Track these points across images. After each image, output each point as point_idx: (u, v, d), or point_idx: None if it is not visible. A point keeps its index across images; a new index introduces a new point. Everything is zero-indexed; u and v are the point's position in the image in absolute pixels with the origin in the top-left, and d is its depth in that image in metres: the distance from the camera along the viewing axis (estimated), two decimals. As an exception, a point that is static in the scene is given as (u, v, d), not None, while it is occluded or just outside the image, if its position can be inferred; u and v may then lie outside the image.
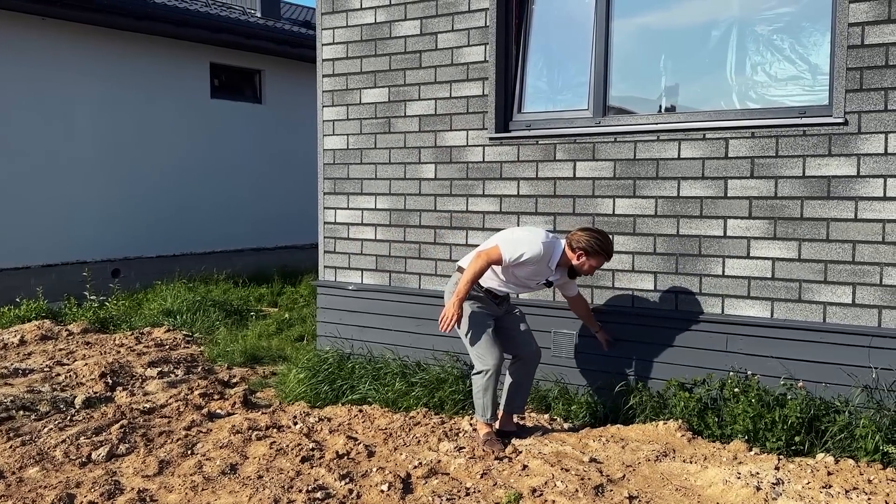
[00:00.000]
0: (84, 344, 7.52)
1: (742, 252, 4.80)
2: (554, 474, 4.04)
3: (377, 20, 6.15)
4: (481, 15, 5.65)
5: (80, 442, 4.73)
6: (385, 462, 4.37)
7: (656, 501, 3.77)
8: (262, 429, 4.94)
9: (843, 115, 4.48)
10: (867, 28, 4.41)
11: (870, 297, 4.46)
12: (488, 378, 4.59)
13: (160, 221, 11.02)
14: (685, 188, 4.96)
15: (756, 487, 3.77)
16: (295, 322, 8.39)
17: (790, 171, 4.65)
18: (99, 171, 10.39)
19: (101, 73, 10.37)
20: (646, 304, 5.12)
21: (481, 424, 4.63)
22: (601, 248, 4.54)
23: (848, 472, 4.01)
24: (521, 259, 4.53)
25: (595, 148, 5.27)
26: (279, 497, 3.88)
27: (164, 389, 5.96)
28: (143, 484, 4.14)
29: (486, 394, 4.60)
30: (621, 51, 5.33)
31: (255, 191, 12.26)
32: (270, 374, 6.61)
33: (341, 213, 6.43)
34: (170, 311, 8.64)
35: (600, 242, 4.54)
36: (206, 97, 11.70)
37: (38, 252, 9.76)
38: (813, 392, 4.51)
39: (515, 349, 4.82)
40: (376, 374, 5.71)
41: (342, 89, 6.38)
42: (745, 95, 4.95)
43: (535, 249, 4.51)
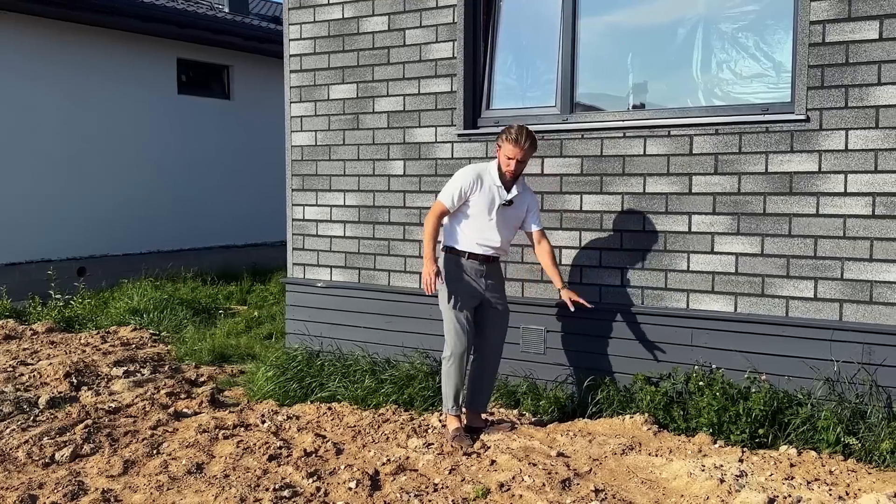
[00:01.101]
0: (49, 343, 7.41)
1: (706, 247, 4.85)
2: (522, 469, 4.06)
3: (345, 15, 6.13)
4: (449, 11, 5.65)
5: (44, 442, 4.67)
6: (353, 459, 4.36)
7: (622, 494, 3.81)
8: (230, 427, 4.91)
9: (804, 112, 4.55)
10: (828, 26, 4.48)
11: (831, 292, 4.53)
12: (450, 364, 4.62)
13: (127, 219, 10.88)
14: (651, 184, 5.01)
15: (720, 480, 3.82)
16: (264, 320, 8.34)
17: (753, 167, 4.71)
18: (64, 168, 10.22)
19: (66, 69, 10.20)
20: (613, 299, 5.16)
21: (450, 418, 4.66)
22: (506, 134, 4.53)
23: (810, 463, 4.08)
24: (458, 192, 4.56)
25: (563, 144, 5.29)
26: (245, 496, 3.86)
27: (130, 389, 5.89)
28: (108, 484, 4.09)
29: (448, 381, 4.64)
30: (589, 48, 5.36)
31: (224, 187, 12.15)
32: (239, 373, 6.57)
33: (310, 210, 6.40)
34: (136, 309, 8.54)
35: (506, 129, 4.56)
36: (174, 93, 11.56)
37: (0, 250, 9.59)
38: (776, 385, 4.57)
39: (478, 342, 4.78)
40: (346, 372, 5.70)
41: (310, 85, 6.34)
42: (711, 93, 5.01)
43: (466, 174, 4.61)
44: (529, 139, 4.53)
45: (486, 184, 4.60)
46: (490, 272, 4.70)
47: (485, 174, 4.63)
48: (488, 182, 4.60)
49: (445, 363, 4.66)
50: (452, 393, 4.64)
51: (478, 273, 4.66)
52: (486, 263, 4.67)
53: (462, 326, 4.61)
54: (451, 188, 4.61)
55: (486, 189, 4.59)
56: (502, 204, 4.60)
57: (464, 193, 4.58)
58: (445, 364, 4.66)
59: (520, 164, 4.56)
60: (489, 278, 4.70)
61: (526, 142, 4.51)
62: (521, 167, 4.59)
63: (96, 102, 10.56)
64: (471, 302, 4.66)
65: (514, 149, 4.50)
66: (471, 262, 4.65)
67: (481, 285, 4.67)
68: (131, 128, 10.98)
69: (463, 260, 4.65)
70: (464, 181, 4.58)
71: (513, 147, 4.50)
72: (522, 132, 4.52)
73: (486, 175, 4.63)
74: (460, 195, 4.57)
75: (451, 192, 4.61)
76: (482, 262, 4.66)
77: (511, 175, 4.57)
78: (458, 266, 4.65)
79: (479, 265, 4.65)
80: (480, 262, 4.65)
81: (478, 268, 4.65)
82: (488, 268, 4.68)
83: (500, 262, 4.88)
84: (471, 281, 4.65)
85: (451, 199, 4.60)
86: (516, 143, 4.49)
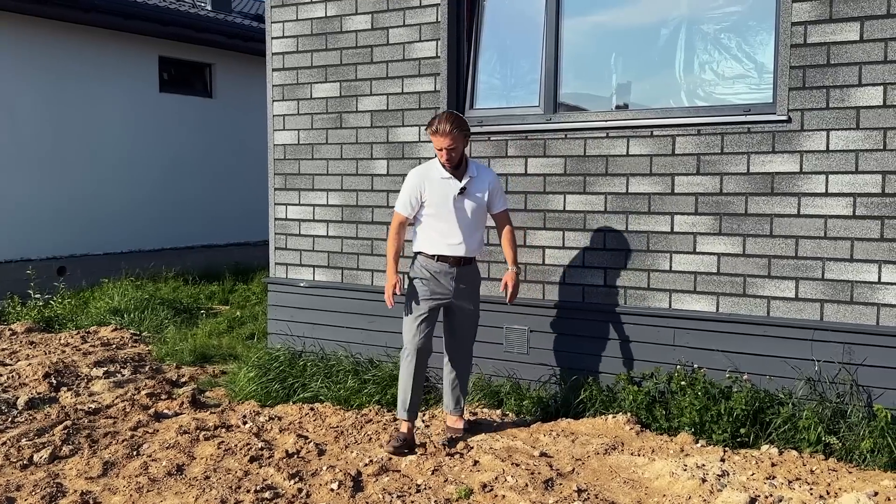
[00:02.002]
0: (28, 343, 7.33)
1: (689, 248, 4.87)
2: (504, 469, 4.05)
3: (328, 14, 6.10)
4: (433, 10, 5.64)
5: (22, 444, 4.61)
6: (336, 460, 4.34)
7: (605, 494, 3.81)
8: (211, 429, 4.87)
9: (786, 112, 4.57)
10: (809, 27, 4.51)
11: (812, 292, 4.56)
12: (404, 359, 4.51)
13: (107, 218, 10.77)
14: (634, 185, 5.02)
15: (702, 479, 3.84)
16: (247, 320, 8.28)
17: (735, 167, 4.73)
18: (43, 167, 10.11)
19: (45, 66, 10.09)
20: (596, 298, 5.17)
21: (399, 420, 4.57)
22: (429, 127, 4.42)
23: (791, 462, 4.10)
24: (409, 196, 4.48)
25: (546, 144, 5.29)
26: (226, 497, 3.83)
27: (110, 389, 5.83)
28: (87, 486, 4.05)
29: (400, 381, 4.53)
30: (573, 49, 5.36)
31: (206, 186, 12.06)
32: (220, 374, 6.52)
33: (292, 209, 6.36)
34: (117, 309, 8.46)
35: (429, 122, 4.43)
36: (155, 91, 11.46)
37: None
38: (758, 384, 4.59)
39: (448, 344, 4.70)
40: (328, 372, 5.67)
41: (293, 83, 6.31)
42: (693, 93, 5.02)
43: (411, 175, 4.54)
44: (451, 122, 4.35)
45: (435, 179, 4.47)
46: (462, 275, 4.55)
47: (431, 170, 4.52)
48: (436, 177, 4.48)
49: (401, 359, 4.56)
50: (401, 396, 4.52)
51: (447, 275, 4.51)
52: (457, 266, 4.51)
53: (417, 322, 4.48)
54: (402, 194, 4.54)
55: (436, 184, 4.47)
56: (457, 194, 4.44)
57: (415, 195, 4.48)
58: (401, 360, 4.56)
59: (453, 151, 4.39)
60: (461, 281, 4.55)
61: (448, 126, 4.34)
62: (457, 153, 4.42)
63: (76, 100, 10.45)
64: (433, 302, 4.51)
65: (440, 139, 4.36)
66: (441, 264, 4.51)
67: (450, 287, 4.52)
68: (112, 126, 10.88)
69: (433, 262, 4.51)
70: (411, 184, 4.50)
71: (439, 138, 4.36)
72: (443, 119, 4.37)
73: (433, 170, 4.51)
74: (413, 198, 4.48)
75: (403, 198, 4.53)
76: (453, 265, 4.51)
77: (451, 164, 4.43)
78: (426, 268, 4.52)
79: (449, 267, 4.51)
80: (451, 265, 4.51)
81: (447, 270, 4.51)
82: (460, 270, 4.53)
83: (477, 263, 4.75)
84: (438, 282, 4.50)
85: (405, 206, 4.52)
86: (437, 132, 4.36)
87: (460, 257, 4.52)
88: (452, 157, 4.41)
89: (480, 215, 4.58)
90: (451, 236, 4.49)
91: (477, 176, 4.54)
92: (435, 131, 4.37)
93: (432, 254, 4.51)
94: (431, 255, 4.51)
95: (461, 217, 4.49)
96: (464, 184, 4.46)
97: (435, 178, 4.48)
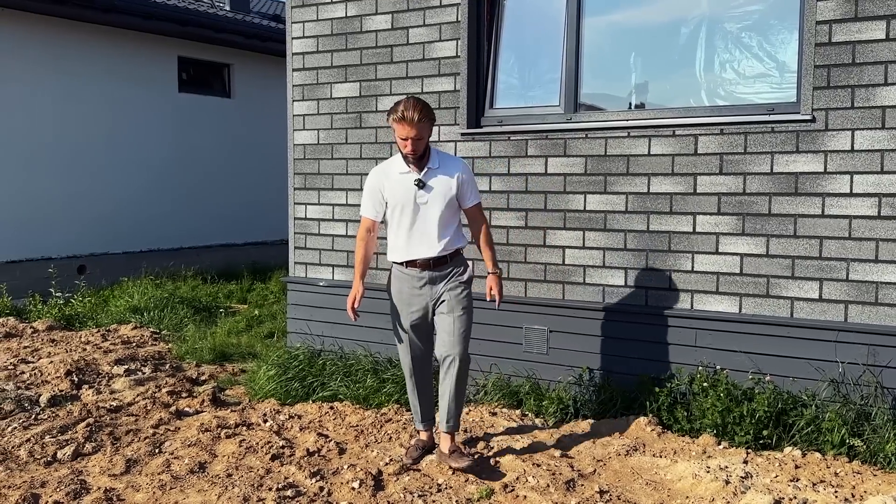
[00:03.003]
0: (49, 341, 7.39)
1: (711, 248, 4.84)
2: (525, 469, 4.04)
3: (348, 14, 6.11)
4: (453, 10, 5.63)
5: (46, 441, 4.65)
6: (356, 459, 4.34)
7: (627, 496, 3.79)
8: (232, 427, 4.89)
9: (810, 112, 4.53)
10: (834, 26, 4.47)
11: (836, 293, 4.52)
12: (406, 377, 4.38)
13: (127, 217, 10.85)
14: (655, 184, 4.99)
15: (725, 481, 3.81)
16: (265, 319, 8.32)
17: (758, 167, 4.69)
18: (64, 167, 10.20)
19: (66, 67, 10.18)
20: (616, 299, 5.15)
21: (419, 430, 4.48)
22: (391, 114, 3.97)
23: (815, 465, 4.06)
24: (369, 197, 4.17)
25: (566, 144, 5.28)
26: (249, 495, 3.84)
27: (131, 387, 5.87)
28: (110, 483, 4.07)
29: (409, 395, 4.43)
30: (592, 48, 5.35)
31: (224, 186, 12.13)
32: (240, 372, 6.55)
33: (312, 209, 6.38)
34: (137, 308, 8.51)
35: (392, 108, 3.99)
36: (174, 91, 11.54)
37: (1, 248, 9.56)
38: (781, 386, 4.56)
39: (436, 347, 4.21)
40: (347, 371, 5.68)
41: (313, 83, 6.32)
42: (714, 93, 4.99)
43: (370, 176, 4.21)
44: (419, 110, 3.92)
45: (393, 176, 4.12)
46: (438, 277, 4.13)
47: (389, 167, 4.17)
48: (394, 173, 4.12)
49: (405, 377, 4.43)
50: (413, 409, 4.43)
51: (420, 281, 4.12)
52: (429, 269, 4.11)
53: (405, 345, 4.26)
54: (364, 196, 4.24)
55: (395, 181, 4.11)
56: (417, 188, 4.05)
57: (376, 196, 4.16)
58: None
59: (418, 142, 3.97)
60: (438, 281, 4.13)
61: (416, 114, 3.90)
62: (421, 144, 3.99)
63: (97, 100, 10.53)
64: (414, 316, 4.17)
65: (406, 128, 3.92)
66: (410, 270, 4.13)
67: (428, 293, 4.13)
68: (132, 126, 10.96)
69: (402, 270, 4.17)
70: (370, 184, 4.18)
71: (405, 126, 3.92)
72: (409, 105, 3.92)
73: (391, 167, 4.16)
74: (375, 200, 4.17)
75: (364, 200, 4.24)
76: (423, 268, 4.11)
77: (413, 156, 4.01)
78: (398, 279, 4.20)
79: (419, 272, 4.11)
80: (422, 269, 4.11)
81: (418, 275, 4.12)
82: (434, 274, 4.12)
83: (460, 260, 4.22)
84: (413, 292, 4.14)
85: (368, 208, 4.21)
86: (403, 119, 3.91)
87: (429, 259, 4.11)
88: (417, 149, 3.99)
89: (450, 210, 4.12)
90: (417, 237, 4.11)
91: (440, 167, 4.11)
92: (401, 118, 3.92)
93: (401, 261, 4.16)
94: (401, 262, 4.17)
95: (426, 214, 4.08)
96: (421, 175, 4.06)
97: (393, 174, 4.12)
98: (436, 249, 4.10)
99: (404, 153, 4.03)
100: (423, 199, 4.08)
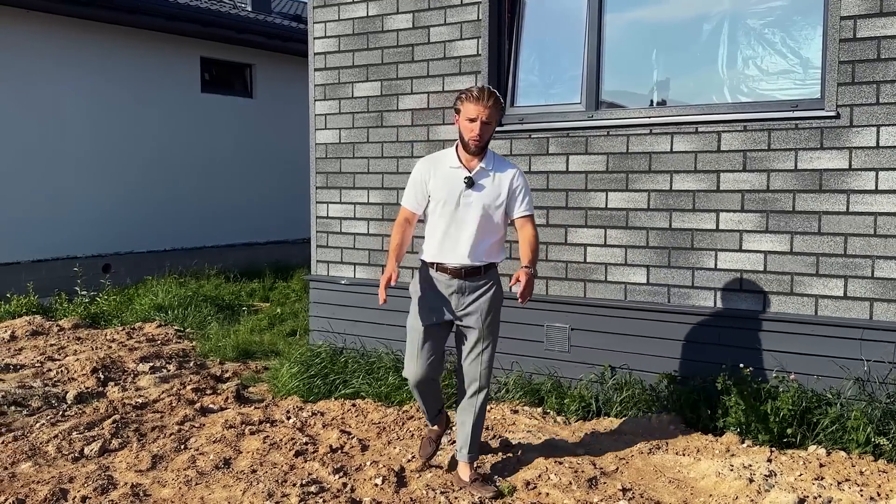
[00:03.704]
0: (75, 339, 7.48)
1: (734, 245, 4.81)
2: (547, 467, 4.05)
3: (369, 13, 6.14)
4: (474, 8, 5.64)
5: (73, 437, 4.71)
6: (379, 456, 4.37)
7: (650, 493, 3.78)
8: (256, 423, 4.93)
9: (834, 108, 4.50)
10: (859, 21, 4.43)
11: (861, 290, 4.48)
12: (411, 388, 4.04)
13: (151, 216, 10.97)
14: (678, 182, 4.97)
15: (749, 479, 3.79)
16: (287, 317, 8.38)
17: (782, 164, 4.66)
18: (89, 166, 10.32)
19: (91, 67, 10.30)
20: (638, 297, 5.13)
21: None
22: (465, 94, 3.72)
23: (840, 463, 4.03)
24: (414, 187, 3.86)
25: (588, 142, 5.27)
26: (273, 491, 3.88)
27: (156, 384, 5.94)
28: (137, 478, 4.12)
29: (415, 398, 4.16)
30: (614, 45, 5.33)
31: (246, 185, 12.22)
32: (263, 369, 6.60)
33: (334, 208, 6.42)
34: (161, 306, 8.61)
35: (464, 91, 3.77)
36: (197, 91, 11.64)
37: (28, 247, 9.70)
38: (805, 384, 4.53)
39: (457, 372, 3.98)
40: (369, 369, 5.71)
41: (334, 83, 6.36)
42: (737, 89, 4.97)
43: (419, 164, 3.91)
44: (493, 96, 3.70)
45: (442, 169, 3.80)
46: (467, 289, 3.81)
47: (440, 158, 3.87)
48: (444, 166, 3.81)
49: None
50: (423, 409, 4.16)
51: (448, 288, 3.80)
52: (459, 278, 3.78)
53: (417, 348, 3.85)
54: (408, 186, 3.91)
55: (442, 175, 3.79)
56: (465, 185, 3.74)
57: (420, 188, 3.83)
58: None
59: (486, 126, 3.68)
60: (465, 297, 3.81)
61: (489, 99, 3.68)
62: (489, 130, 3.72)
63: (121, 101, 10.64)
64: (432, 319, 3.83)
65: (476, 107, 3.65)
66: (440, 275, 3.81)
67: (454, 303, 3.82)
68: (155, 126, 11.07)
69: (431, 273, 3.84)
70: (415, 174, 3.87)
71: (475, 105, 3.66)
72: (483, 88, 3.73)
73: (442, 159, 3.86)
74: (419, 191, 3.85)
75: (408, 190, 3.90)
76: (454, 276, 3.78)
77: (477, 143, 3.70)
78: (425, 280, 3.87)
79: (449, 279, 3.79)
80: (451, 276, 3.78)
81: (447, 282, 3.80)
82: (463, 284, 3.80)
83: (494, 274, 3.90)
84: (440, 297, 3.81)
85: (410, 199, 3.89)
86: (478, 99, 3.66)
87: (461, 267, 3.79)
88: (484, 134, 3.71)
89: (494, 218, 3.81)
90: (451, 239, 3.79)
91: (493, 169, 3.81)
92: (476, 98, 3.66)
93: (431, 261, 3.86)
94: (430, 262, 3.86)
95: (467, 216, 3.76)
96: (472, 173, 3.77)
97: (443, 168, 3.81)
98: (469, 257, 3.77)
99: (468, 138, 3.71)
100: (468, 200, 3.75)
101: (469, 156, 3.77)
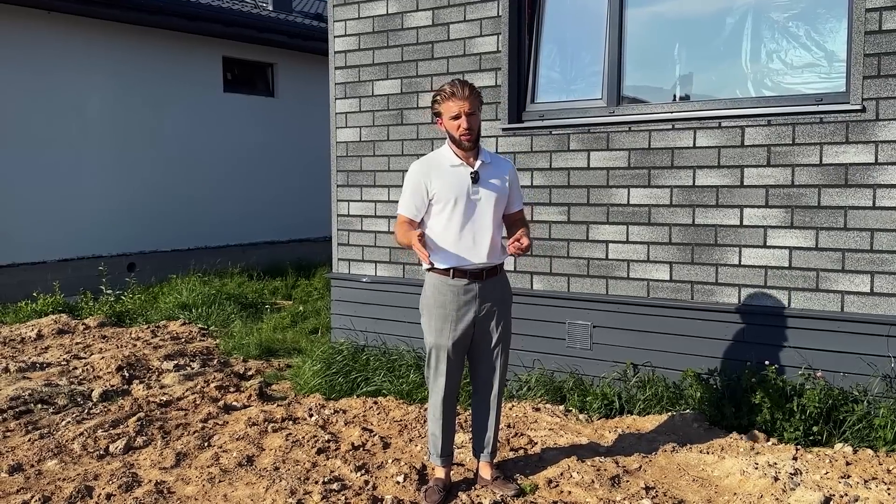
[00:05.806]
0: (100, 338, 7.56)
1: (759, 241, 4.76)
2: (569, 465, 4.03)
3: (389, 11, 6.14)
4: (493, 5, 5.62)
5: (98, 435, 4.76)
6: (400, 454, 4.37)
7: (673, 492, 3.75)
8: (278, 421, 4.95)
9: (860, 101, 4.43)
10: (885, 13, 4.36)
11: (888, 286, 4.41)
12: (431, 401, 3.84)
13: (174, 215, 11.07)
14: (701, 177, 4.93)
15: (774, 478, 3.75)
16: (309, 315, 8.42)
17: (807, 158, 4.60)
18: (113, 166, 10.43)
19: (114, 68, 10.41)
20: (661, 294, 5.09)
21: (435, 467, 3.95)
22: (440, 95, 3.62)
23: (867, 462, 3.98)
24: (412, 192, 3.65)
25: (609, 138, 5.23)
26: (296, 488, 3.89)
27: (180, 382, 5.99)
28: (161, 476, 4.16)
29: (430, 421, 3.87)
30: (635, 40, 5.29)
31: (269, 184, 12.29)
32: (285, 367, 6.63)
33: (355, 206, 6.43)
34: (185, 304, 8.68)
35: (438, 92, 3.64)
36: (219, 91, 11.72)
37: (54, 247, 9.82)
38: (831, 382, 4.47)
39: (472, 374, 3.92)
40: (391, 366, 5.72)
41: (355, 81, 6.37)
42: (761, 83, 4.91)
43: (412, 168, 3.71)
44: (465, 84, 3.58)
45: (444, 168, 3.65)
46: (488, 290, 3.70)
47: (438, 159, 3.71)
48: (444, 166, 3.65)
49: (429, 397, 3.87)
50: (432, 440, 3.87)
51: (467, 293, 3.65)
52: (478, 280, 3.66)
53: (443, 363, 3.71)
54: (405, 192, 3.69)
55: (446, 173, 3.63)
56: (472, 181, 3.61)
57: (420, 193, 3.64)
58: (429, 398, 3.87)
59: (472, 118, 3.57)
60: (487, 298, 3.69)
61: (465, 89, 3.56)
62: (476, 121, 3.60)
63: (144, 101, 10.74)
64: (458, 333, 3.68)
65: (455, 103, 3.55)
66: (457, 280, 3.64)
67: (473, 310, 3.67)
68: (178, 125, 11.16)
69: (447, 281, 3.66)
70: (412, 179, 3.67)
71: (454, 102, 3.55)
72: (455, 83, 3.58)
73: (440, 159, 3.70)
74: (417, 197, 3.65)
75: (405, 198, 3.68)
76: (473, 280, 3.65)
77: (469, 137, 3.57)
78: (440, 292, 3.68)
79: (467, 283, 3.64)
80: (470, 280, 3.64)
81: (466, 287, 3.64)
82: (483, 286, 3.68)
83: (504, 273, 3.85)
84: (458, 307, 3.66)
85: (409, 206, 3.67)
86: (453, 96, 3.56)
87: (482, 268, 3.67)
88: (472, 126, 3.58)
89: (500, 213, 3.73)
90: (467, 240, 3.64)
91: (492, 162, 3.73)
92: (450, 95, 3.56)
93: (445, 268, 3.65)
94: (445, 269, 3.65)
95: (481, 213, 3.64)
96: (476, 167, 3.64)
97: (444, 167, 3.65)
98: (488, 256, 3.66)
99: (458, 136, 3.59)
100: (477, 196, 3.63)
101: (465, 153, 3.67)
